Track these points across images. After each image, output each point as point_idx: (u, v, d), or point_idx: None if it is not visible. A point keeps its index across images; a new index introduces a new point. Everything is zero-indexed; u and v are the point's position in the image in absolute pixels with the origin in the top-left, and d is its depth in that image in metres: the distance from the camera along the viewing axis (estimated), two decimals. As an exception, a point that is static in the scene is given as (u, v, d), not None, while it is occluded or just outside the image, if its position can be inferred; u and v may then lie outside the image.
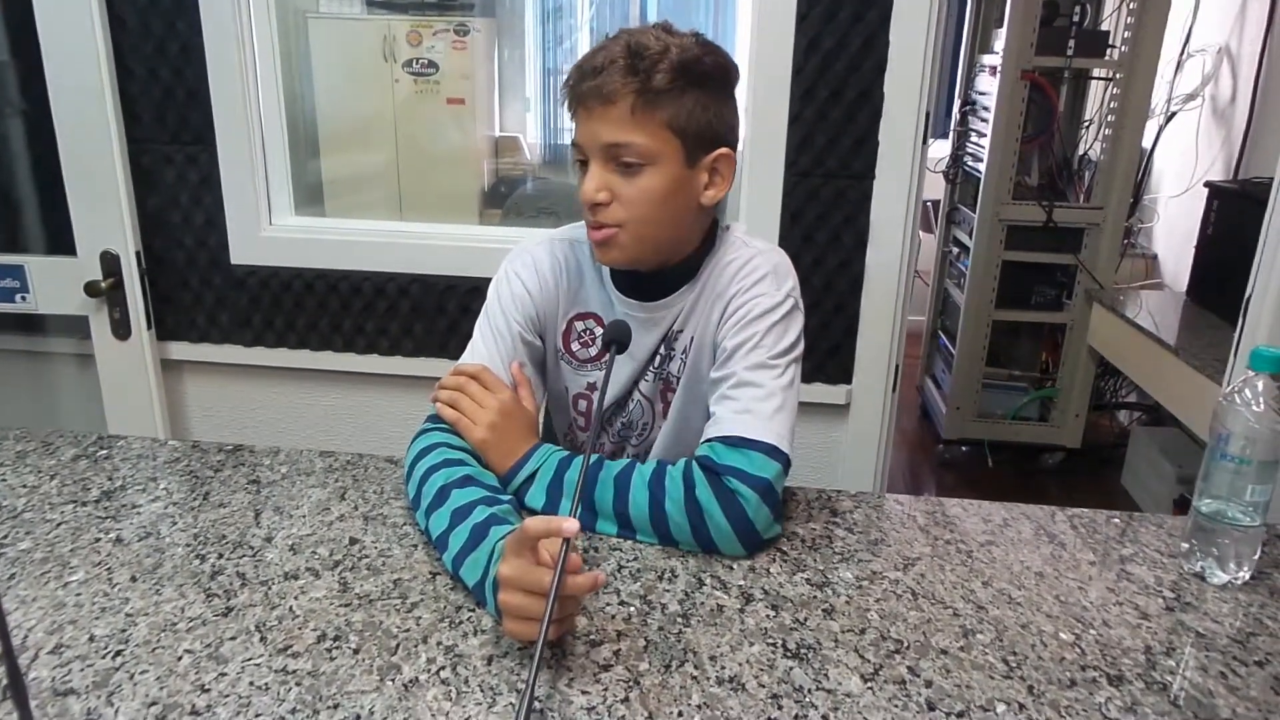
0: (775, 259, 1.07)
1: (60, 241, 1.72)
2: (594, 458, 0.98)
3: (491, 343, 1.07)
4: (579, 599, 0.76)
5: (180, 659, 0.75)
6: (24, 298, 1.76)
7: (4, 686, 0.70)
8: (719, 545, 0.92)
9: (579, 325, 1.12)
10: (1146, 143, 3.20)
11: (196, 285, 1.80)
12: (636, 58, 0.93)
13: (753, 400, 0.97)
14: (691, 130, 0.96)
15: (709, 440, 0.96)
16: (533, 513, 0.97)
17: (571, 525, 0.70)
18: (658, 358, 1.11)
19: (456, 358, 1.09)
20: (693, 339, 1.08)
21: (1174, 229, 3.34)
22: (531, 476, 0.98)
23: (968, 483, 3.14)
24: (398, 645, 0.78)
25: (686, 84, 0.95)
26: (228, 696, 0.71)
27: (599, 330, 1.11)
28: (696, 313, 1.08)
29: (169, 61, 1.66)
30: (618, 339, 0.97)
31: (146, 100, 1.69)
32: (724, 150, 1.00)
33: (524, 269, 1.10)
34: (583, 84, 0.95)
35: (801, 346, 1.04)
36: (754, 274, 1.04)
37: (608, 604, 0.84)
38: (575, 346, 1.13)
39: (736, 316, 1.02)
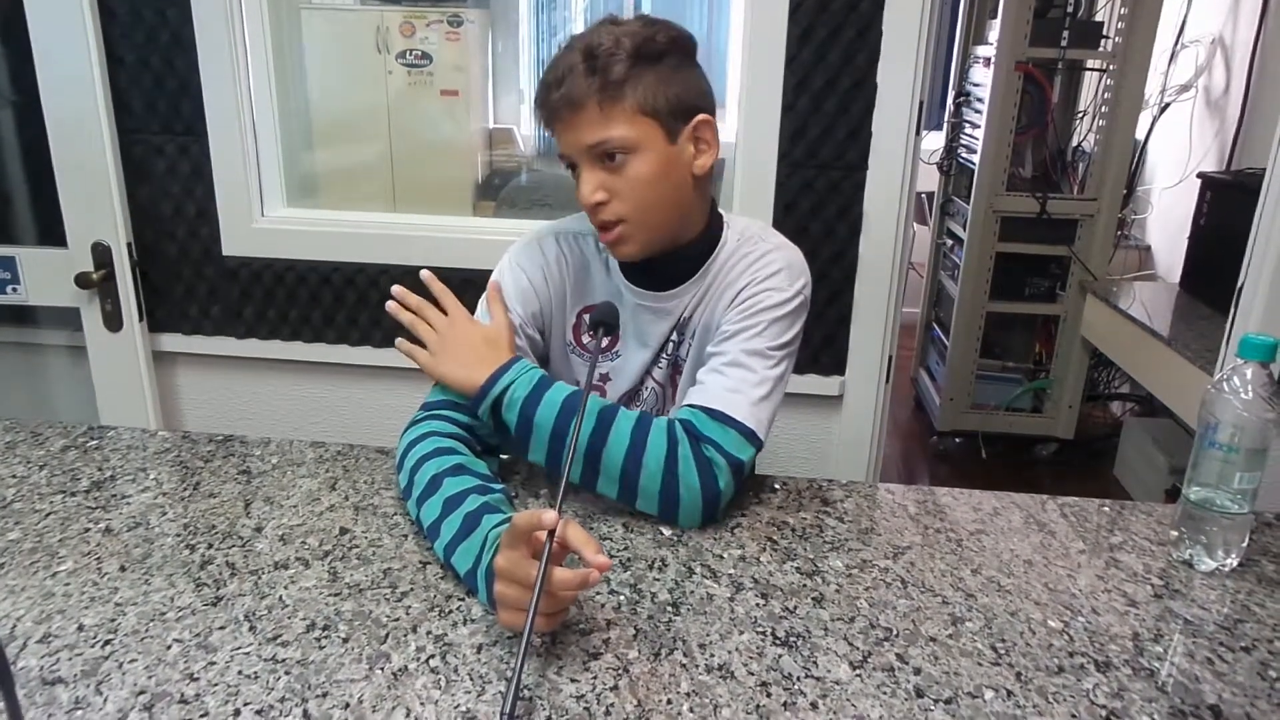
0: (791, 256, 1.07)
1: (51, 233, 1.71)
2: (572, 390, 0.97)
3: None
4: (573, 593, 0.76)
5: (169, 648, 0.75)
6: (15, 289, 1.76)
7: (-8, 676, 0.70)
8: (681, 509, 0.94)
9: (588, 318, 1.12)
10: (1140, 134, 3.21)
11: (188, 277, 1.80)
12: (591, 59, 0.94)
13: (743, 382, 0.98)
14: (663, 108, 0.97)
15: (693, 405, 0.97)
16: (506, 431, 0.97)
17: (550, 517, 0.71)
18: (670, 344, 1.12)
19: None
20: (701, 323, 1.09)
21: (1167, 220, 3.34)
22: (507, 390, 0.96)
23: (961, 474, 3.14)
24: (387, 634, 0.78)
25: (643, 66, 0.96)
26: (216, 685, 0.71)
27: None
28: (707, 300, 1.08)
29: (160, 51, 1.65)
30: (605, 320, 0.98)
31: (137, 90, 1.68)
32: (702, 117, 1.01)
33: (530, 262, 1.10)
34: (550, 97, 0.97)
35: (798, 344, 1.05)
36: (769, 267, 1.04)
37: (598, 593, 0.84)
38: (585, 339, 1.13)
39: (745, 305, 1.03)
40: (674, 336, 1.11)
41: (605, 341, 1.11)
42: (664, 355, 1.12)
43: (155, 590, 0.83)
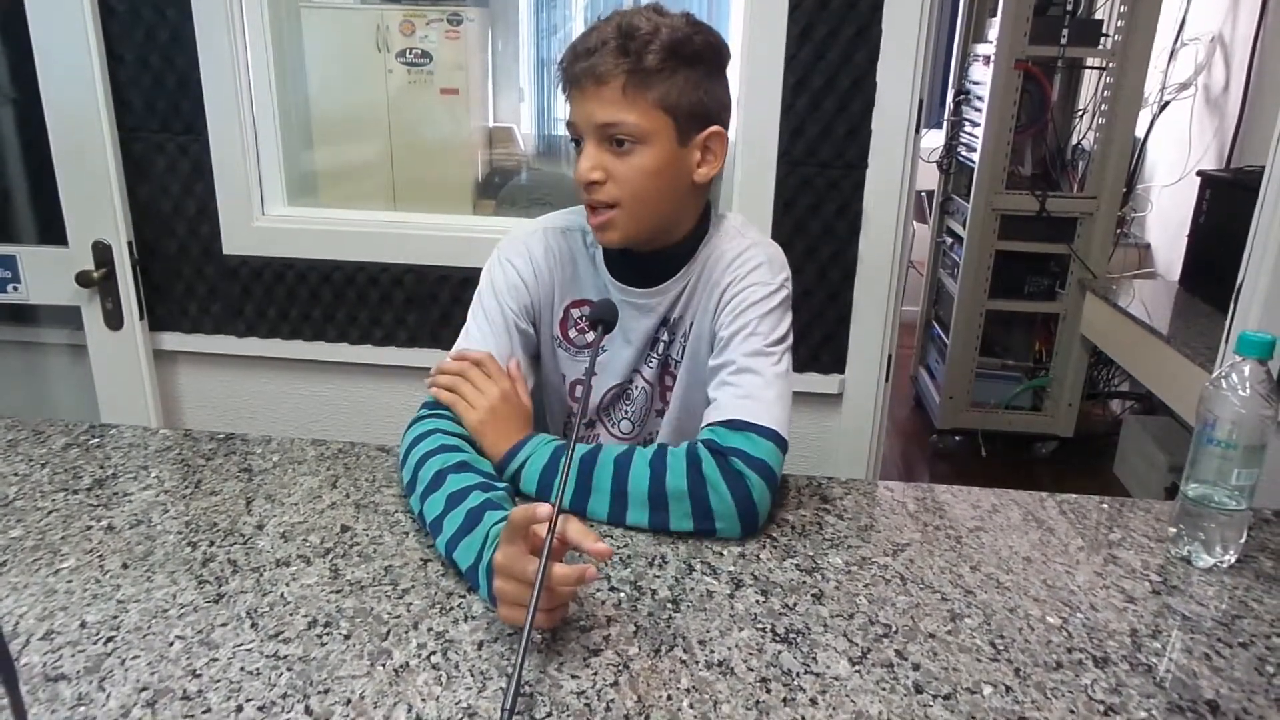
0: (770, 250, 1.08)
1: (51, 231, 1.71)
2: (590, 447, 0.99)
3: (487, 330, 1.08)
4: (572, 589, 0.76)
5: (171, 645, 0.75)
6: (15, 288, 1.76)
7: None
8: (718, 523, 0.93)
9: (575, 313, 1.13)
10: (1140, 132, 3.21)
11: (189, 275, 1.80)
12: (628, 38, 0.94)
13: (753, 386, 0.98)
14: (683, 109, 0.97)
15: (711, 424, 0.97)
16: (527, 498, 0.98)
17: (544, 510, 0.71)
18: (659, 343, 1.12)
19: (450, 348, 1.09)
20: (692, 325, 1.09)
21: (1167, 218, 3.34)
22: (525, 463, 0.99)
23: (961, 472, 3.15)
24: (388, 631, 0.78)
25: (677, 63, 0.96)
26: (219, 682, 0.71)
27: None
28: (694, 300, 1.09)
29: (160, 49, 1.65)
30: (604, 317, 0.98)
31: (137, 89, 1.68)
32: (716, 128, 1.01)
33: (518, 257, 1.11)
34: (576, 65, 0.97)
35: (792, 337, 1.05)
36: (749, 264, 1.05)
37: (598, 590, 0.85)
38: (572, 334, 1.13)
39: (732, 305, 1.03)
40: (663, 335, 1.11)
41: (591, 336, 1.12)
42: (653, 353, 1.12)
43: (157, 587, 0.84)
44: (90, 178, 1.67)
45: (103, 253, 1.70)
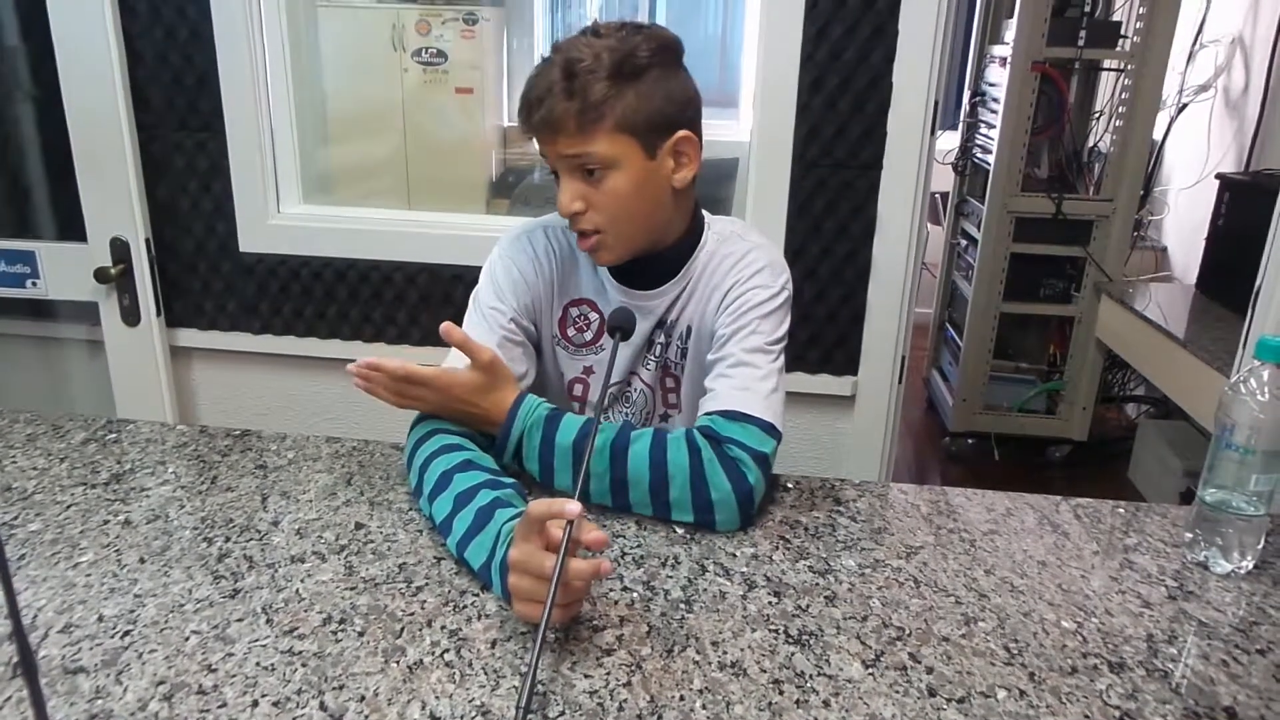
0: (773, 254, 1.10)
1: (70, 227, 1.73)
2: (586, 419, 0.99)
3: (483, 328, 1.07)
4: (586, 584, 0.76)
5: (188, 639, 0.76)
6: (34, 283, 1.78)
7: (15, 664, 0.71)
8: (716, 512, 0.93)
9: (574, 311, 1.13)
10: (1157, 134, 3.19)
11: (205, 272, 1.81)
12: (570, 78, 0.94)
13: (750, 380, 1.00)
14: (641, 125, 0.97)
15: (708, 413, 0.98)
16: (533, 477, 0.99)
17: (574, 508, 0.71)
18: (656, 345, 1.12)
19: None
20: (690, 327, 1.10)
21: (1184, 221, 3.32)
22: (521, 440, 0.98)
23: (974, 475, 3.13)
24: (402, 628, 0.78)
25: (623, 83, 0.95)
26: (234, 676, 0.72)
27: (593, 315, 1.12)
28: (694, 301, 1.09)
29: (179, 48, 1.66)
30: (622, 325, 0.98)
31: (156, 87, 1.69)
32: (683, 133, 1.00)
33: (520, 255, 1.11)
34: (532, 117, 0.97)
35: (788, 338, 1.07)
36: (752, 266, 1.06)
37: (611, 590, 0.85)
38: (571, 332, 1.14)
39: (736, 305, 1.05)
40: (659, 337, 1.12)
41: (589, 335, 1.13)
42: (650, 355, 1.13)
43: (174, 582, 0.84)
44: (109, 175, 1.68)
45: (121, 249, 1.71)
